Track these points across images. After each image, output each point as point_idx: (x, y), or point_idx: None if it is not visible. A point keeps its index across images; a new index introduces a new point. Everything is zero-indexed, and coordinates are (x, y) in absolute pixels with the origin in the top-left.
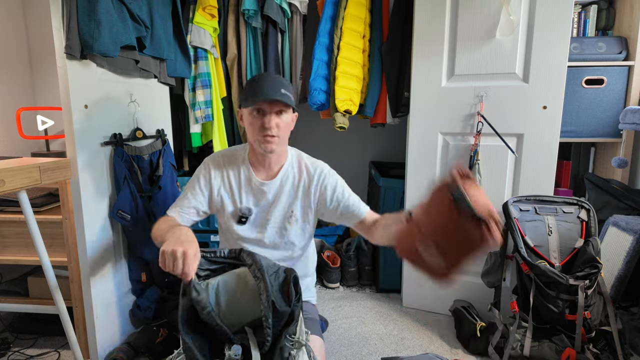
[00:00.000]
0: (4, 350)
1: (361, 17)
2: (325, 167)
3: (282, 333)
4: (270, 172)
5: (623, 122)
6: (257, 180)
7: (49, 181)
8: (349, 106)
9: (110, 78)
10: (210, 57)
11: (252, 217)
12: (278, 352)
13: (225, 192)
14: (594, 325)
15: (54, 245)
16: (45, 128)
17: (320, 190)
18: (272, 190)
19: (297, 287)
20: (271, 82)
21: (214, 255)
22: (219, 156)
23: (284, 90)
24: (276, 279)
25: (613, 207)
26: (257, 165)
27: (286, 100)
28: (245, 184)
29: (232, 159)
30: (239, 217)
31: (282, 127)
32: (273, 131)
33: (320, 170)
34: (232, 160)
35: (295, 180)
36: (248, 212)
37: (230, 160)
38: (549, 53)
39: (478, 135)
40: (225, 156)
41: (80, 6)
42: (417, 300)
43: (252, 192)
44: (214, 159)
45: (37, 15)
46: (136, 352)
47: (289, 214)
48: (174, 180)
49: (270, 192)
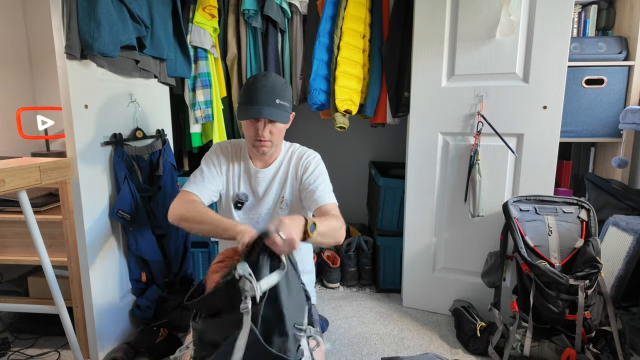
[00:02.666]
0: (4, 350)
1: (361, 17)
2: (312, 153)
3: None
4: (266, 163)
5: (623, 122)
6: (253, 168)
7: (49, 181)
8: (349, 106)
9: (110, 78)
10: (210, 57)
11: (247, 202)
12: (292, 339)
13: (228, 176)
14: (594, 325)
15: (54, 245)
16: (45, 128)
17: (302, 170)
18: (267, 177)
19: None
20: (266, 92)
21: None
22: (227, 143)
23: (279, 101)
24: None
25: (613, 207)
26: (253, 157)
27: (277, 118)
28: (244, 172)
29: (236, 148)
30: (236, 202)
31: (275, 133)
32: (266, 138)
33: (307, 155)
34: (236, 150)
35: (286, 167)
36: (244, 197)
37: (235, 149)
38: (549, 53)
39: (478, 135)
40: (232, 144)
41: (80, 6)
42: (417, 300)
43: (249, 179)
44: (222, 145)
45: (37, 15)
46: (136, 352)
47: (280, 199)
48: (174, 180)
49: (264, 179)
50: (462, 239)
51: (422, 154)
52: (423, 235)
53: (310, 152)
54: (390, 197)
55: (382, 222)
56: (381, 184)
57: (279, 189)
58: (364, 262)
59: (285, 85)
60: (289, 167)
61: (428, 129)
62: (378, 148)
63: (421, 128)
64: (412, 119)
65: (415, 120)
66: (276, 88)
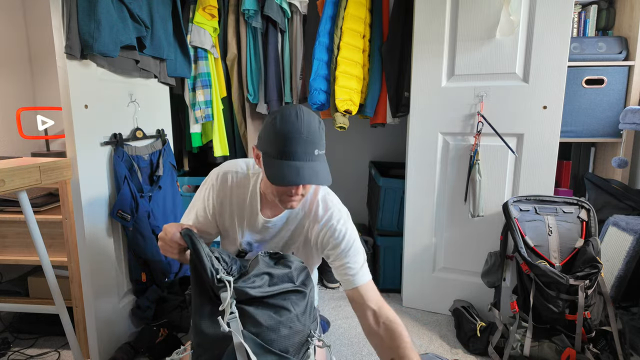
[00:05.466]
0: (4, 350)
1: (361, 17)
2: (336, 215)
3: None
4: (279, 210)
5: (623, 122)
6: (262, 219)
7: (49, 181)
8: (349, 106)
9: (110, 78)
10: (210, 57)
11: (252, 253)
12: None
13: (227, 219)
14: (594, 325)
15: (54, 245)
16: (45, 128)
17: (323, 240)
18: (277, 226)
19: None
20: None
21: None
22: (227, 179)
23: (317, 151)
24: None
25: (613, 207)
26: (265, 202)
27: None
28: (249, 218)
29: (240, 185)
30: (239, 252)
31: (308, 188)
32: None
33: (329, 218)
34: (240, 186)
35: (303, 223)
36: (249, 247)
37: (238, 185)
38: (549, 53)
39: (478, 135)
40: (233, 182)
41: (80, 6)
42: (417, 300)
43: (255, 228)
44: (221, 182)
45: (37, 15)
46: (136, 352)
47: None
48: (174, 180)
49: (274, 228)
50: (462, 239)
51: (422, 154)
52: (423, 235)
53: (331, 211)
54: (390, 197)
55: (382, 222)
56: (381, 184)
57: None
58: None
59: (320, 124)
60: (307, 226)
61: (428, 129)
62: (378, 148)
63: (421, 128)
64: (412, 119)
65: (415, 120)
66: (313, 134)
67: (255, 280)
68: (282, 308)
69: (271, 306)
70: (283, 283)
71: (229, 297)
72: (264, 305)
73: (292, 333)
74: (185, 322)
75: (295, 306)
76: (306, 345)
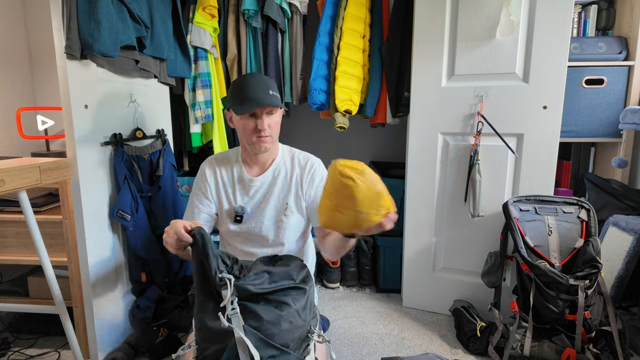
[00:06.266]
0: (4, 350)
1: (361, 17)
2: (316, 160)
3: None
4: (262, 168)
5: (623, 122)
6: (247, 177)
7: (49, 181)
8: (349, 106)
9: (110, 78)
10: (210, 57)
11: (246, 215)
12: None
13: (220, 191)
14: (594, 325)
15: (54, 245)
16: (45, 128)
17: (309, 180)
18: (264, 184)
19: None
20: (258, 84)
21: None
22: (212, 159)
23: (271, 92)
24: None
25: (613, 207)
26: (249, 163)
27: (276, 103)
28: (238, 181)
29: (225, 160)
30: (235, 217)
31: (273, 126)
32: (266, 132)
33: (312, 163)
34: (225, 161)
35: (288, 173)
36: (242, 210)
37: (222, 161)
38: (549, 53)
39: (478, 135)
40: (218, 158)
41: (80, 6)
42: (417, 300)
43: (244, 189)
44: (207, 161)
45: (37, 15)
46: (136, 352)
47: (283, 206)
48: (174, 180)
49: (262, 186)
50: (462, 239)
51: (422, 154)
52: (423, 235)
53: (313, 159)
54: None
55: None
56: None
57: (281, 195)
58: (364, 262)
59: (271, 79)
60: (293, 173)
61: (428, 129)
62: (378, 148)
63: (421, 128)
64: (412, 119)
65: (415, 120)
66: (266, 81)
67: (256, 278)
68: (282, 303)
69: (272, 301)
70: (283, 280)
71: (229, 294)
72: (265, 300)
73: (292, 328)
74: (185, 322)
75: (295, 301)
76: (306, 341)
